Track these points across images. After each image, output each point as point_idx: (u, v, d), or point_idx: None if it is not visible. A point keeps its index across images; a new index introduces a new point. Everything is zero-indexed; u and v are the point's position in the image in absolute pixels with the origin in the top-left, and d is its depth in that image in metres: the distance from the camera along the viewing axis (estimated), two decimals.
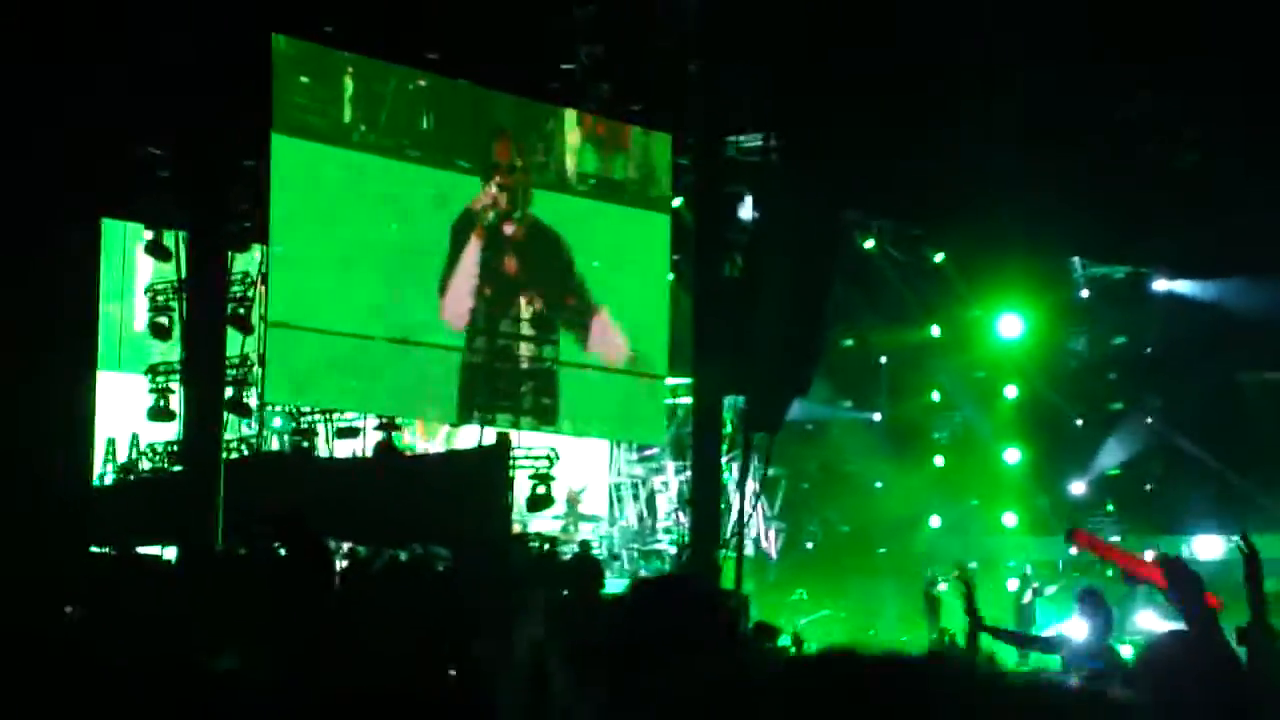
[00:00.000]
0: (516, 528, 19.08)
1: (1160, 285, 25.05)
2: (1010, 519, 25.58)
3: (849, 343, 24.59)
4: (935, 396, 25.79)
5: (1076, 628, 10.14)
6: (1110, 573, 17.01)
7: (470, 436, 20.09)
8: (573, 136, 19.49)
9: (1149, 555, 24.39)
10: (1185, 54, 17.43)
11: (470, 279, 18.31)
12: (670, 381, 20.84)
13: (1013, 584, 23.36)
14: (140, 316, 19.29)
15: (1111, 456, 26.01)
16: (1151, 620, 18.78)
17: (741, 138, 19.67)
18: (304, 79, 17.27)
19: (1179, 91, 18.48)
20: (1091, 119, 19.31)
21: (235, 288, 16.93)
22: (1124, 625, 15.96)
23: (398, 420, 19.15)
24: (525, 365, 18.50)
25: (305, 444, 18.29)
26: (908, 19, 17.27)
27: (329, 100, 17.45)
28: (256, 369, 17.25)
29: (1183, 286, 24.97)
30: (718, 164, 19.64)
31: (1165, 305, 25.14)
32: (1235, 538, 6.28)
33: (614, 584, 17.40)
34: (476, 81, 18.46)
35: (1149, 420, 25.94)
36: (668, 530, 23.24)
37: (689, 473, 21.05)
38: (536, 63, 18.80)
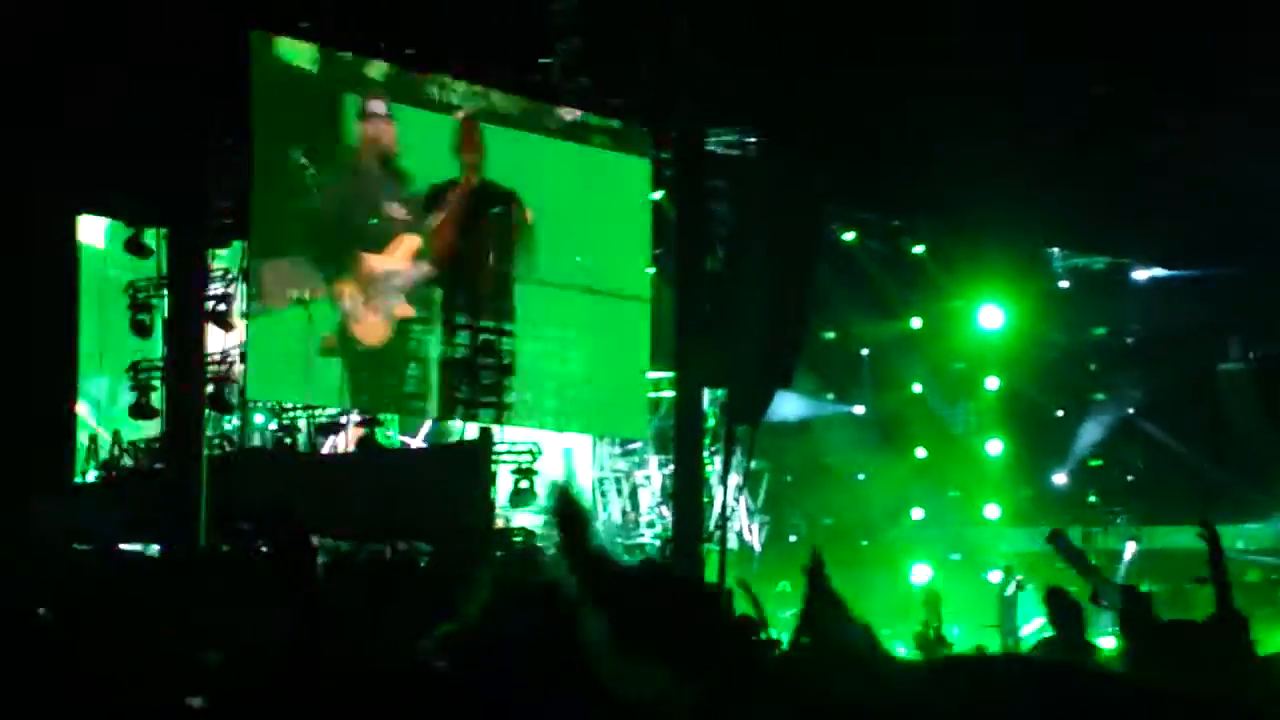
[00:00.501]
0: (499, 523, 19.07)
1: (1140, 275, 25.10)
2: (993, 511, 25.59)
3: (830, 335, 24.61)
4: (917, 389, 25.80)
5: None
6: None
7: (452, 432, 20.10)
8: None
9: (1130, 548, 24.52)
10: (1166, 40, 17.45)
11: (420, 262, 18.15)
12: (652, 375, 20.84)
13: (995, 576, 23.37)
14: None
15: (1088, 441, 26.04)
16: None
17: (722, 131, 19.68)
18: (281, 76, 17.19)
19: (1161, 80, 18.49)
20: (1070, 109, 19.32)
21: (216, 284, 16.91)
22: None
23: (379, 415, 19.13)
24: (507, 360, 18.47)
25: (287, 440, 18.27)
26: (886, 14, 17.30)
27: (309, 99, 17.37)
28: (238, 365, 17.23)
29: (1163, 277, 25.01)
30: (698, 158, 19.65)
31: (1145, 295, 25.19)
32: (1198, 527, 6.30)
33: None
34: (453, 75, 18.41)
35: (1130, 411, 26.00)
36: (651, 524, 23.23)
37: (672, 467, 21.05)
38: (515, 56, 18.77)
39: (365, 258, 17.62)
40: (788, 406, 22.56)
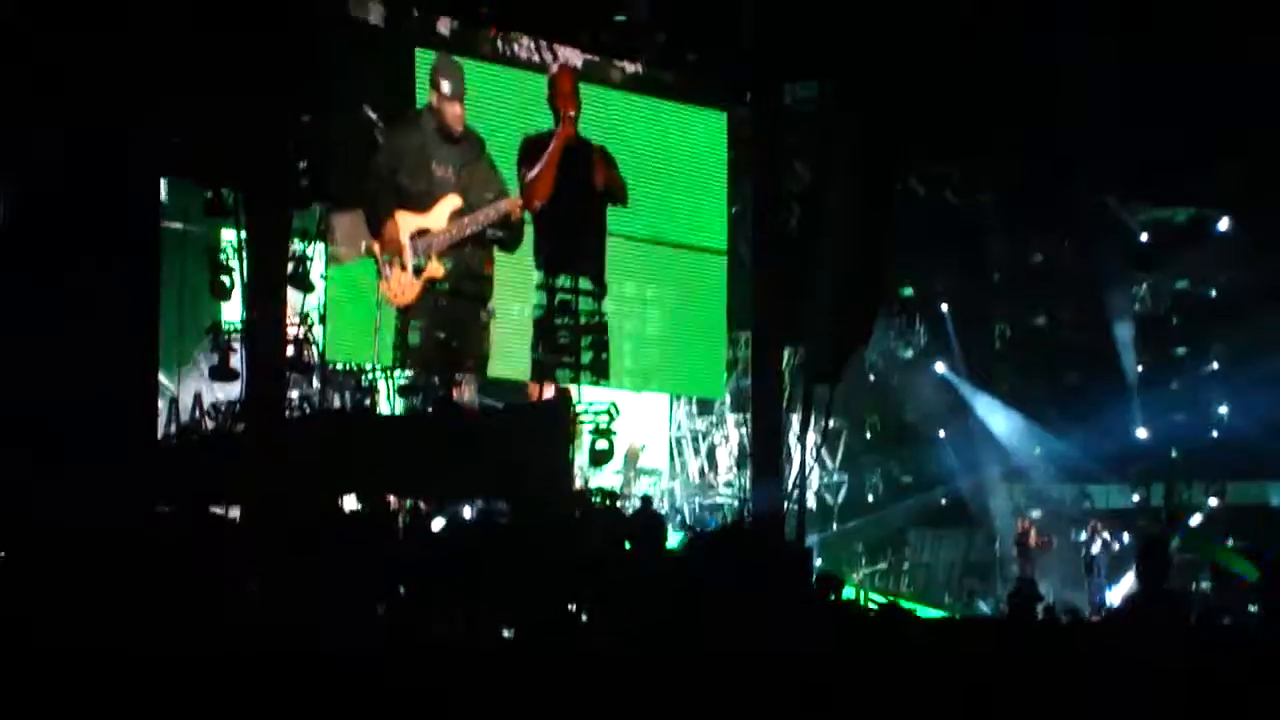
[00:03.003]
0: (578, 483, 19.01)
1: (1223, 227, 24.75)
2: None
3: (908, 291, 24.40)
4: (997, 344, 25.60)
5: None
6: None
7: (530, 393, 20.02)
8: None
9: (1213, 504, 24.26)
10: None
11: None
12: (729, 333, 20.75)
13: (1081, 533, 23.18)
14: None
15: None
16: None
17: (799, 85, 19.51)
18: (353, 32, 17.09)
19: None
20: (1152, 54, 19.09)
21: (295, 246, 16.87)
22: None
23: (457, 376, 19.05)
24: (584, 320, 18.33)
25: (366, 401, 18.23)
26: None
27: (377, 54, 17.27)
28: (317, 327, 17.21)
29: (1246, 229, 24.69)
30: (775, 112, 19.46)
31: (1228, 248, 24.87)
32: None
33: (675, 537, 17.39)
34: (526, 33, 18.30)
35: (1215, 365, 25.75)
36: (729, 484, 23.18)
37: (750, 426, 20.96)
38: (589, 14, 18.66)
39: (402, 215, 17.25)
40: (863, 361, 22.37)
